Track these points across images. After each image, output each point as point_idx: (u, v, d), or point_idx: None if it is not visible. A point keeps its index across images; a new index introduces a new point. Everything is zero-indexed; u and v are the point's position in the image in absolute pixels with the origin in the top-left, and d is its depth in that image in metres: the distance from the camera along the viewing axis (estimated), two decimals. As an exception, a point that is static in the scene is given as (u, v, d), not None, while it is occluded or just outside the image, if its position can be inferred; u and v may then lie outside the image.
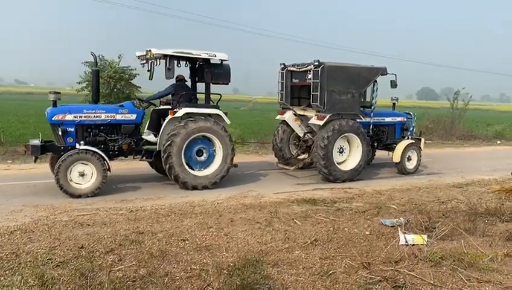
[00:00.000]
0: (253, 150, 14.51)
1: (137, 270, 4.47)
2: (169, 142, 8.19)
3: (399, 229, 5.95)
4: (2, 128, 13.55)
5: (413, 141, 11.20)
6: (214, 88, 9.01)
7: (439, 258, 4.97)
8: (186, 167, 8.46)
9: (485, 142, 20.40)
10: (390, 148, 11.40)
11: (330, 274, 4.61)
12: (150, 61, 8.46)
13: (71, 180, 7.57)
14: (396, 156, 10.92)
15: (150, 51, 8.21)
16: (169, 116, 8.45)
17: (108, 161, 7.83)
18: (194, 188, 8.44)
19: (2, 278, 4.16)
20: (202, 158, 8.72)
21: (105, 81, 14.98)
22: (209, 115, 8.69)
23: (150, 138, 8.78)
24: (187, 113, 8.43)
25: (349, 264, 4.89)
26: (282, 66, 10.76)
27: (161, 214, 6.64)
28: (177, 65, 8.90)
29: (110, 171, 7.89)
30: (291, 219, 6.60)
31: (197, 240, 5.53)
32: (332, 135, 9.51)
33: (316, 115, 9.81)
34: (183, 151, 8.34)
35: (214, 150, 8.78)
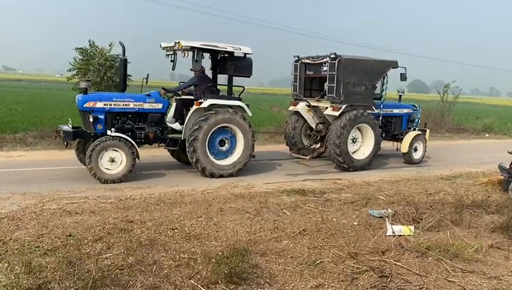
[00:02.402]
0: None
1: (126, 259, 4.47)
2: (193, 137, 8.45)
3: (387, 220, 6.02)
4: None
5: (420, 133, 11.56)
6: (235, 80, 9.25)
7: (425, 248, 5.04)
8: (211, 157, 8.74)
9: (473, 135, 20.61)
10: (397, 139, 11.80)
11: (318, 264, 4.66)
12: (176, 53, 8.69)
13: (102, 166, 7.81)
14: (404, 146, 11.30)
15: (179, 42, 8.41)
16: (195, 107, 8.67)
17: (137, 148, 8.10)
18: (221, 176, 8.76)
19: (-12, 266, 4.13)
20: (224, 148, 9.01)
21: (95, 69, 14.82)
22: (230, 106, 8.94)
23: (176, 125, 9.02)
24: (211, 104, 8.69)
25: (336, 254, 4.94)
26: (296, 58, 11.08)
27: (150, 203, 6.63)
28: (201, 57, 9.04)
29: (139, 158, 8.17)
30: (281, 209, 6.63)
31: (186, 229, 5.53)
32: (347, 125, 9.84)
33: (331, 106, 10.14)
34: (206, 143, 8.63)
35: (236, 139, 9.08)
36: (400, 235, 5.52)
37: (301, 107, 10.98)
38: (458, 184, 9.16)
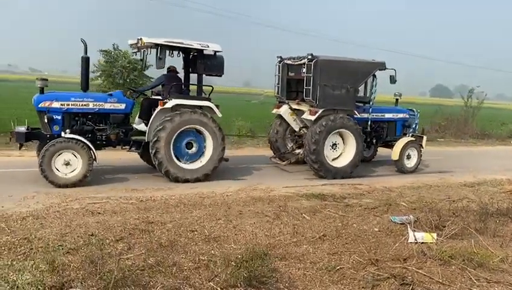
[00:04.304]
0: (263, 144, 14.49)
1: (146, 259, 4.52)
2: (156, 138, 8.03)
3: (408, 226, 5.92)
4: (15, 115, 13.71)
5: (413, 139, 10.83)
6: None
7: (449, 257, 4.94)
8: (176, 160, 8.29)
9: (498, 142, 20.11)
10: (390, 145, 11.00)
11: (338, 269, 4.62)
12: (141, 50, 8.35)
13: (56, 169, 7.43)
14: (394, 153, 10.60)
15: (141, 39, 8.01)
16: (159, 107, 8.23)
17: (94, 150, 7.65)
18: (186, 181, 8.29)
19: (14, 263, 4.23)
20: (192, 150, 8.55)
21: (118, 71, 15.08)
22: (200, 107, 8.51)
23: (141, 127, 8.58)
24: (177, 105, 8.25)
25: (357, 260, 4.88)
26: (279, 59, 10.52)
27: (171, 205, 6.69)
28: (170, 55, 8.79)
29: (96, 161, 7.73)
30: (300, 213, 6.60)
31: (206, 231, 5.56)
32: (324, 131, 9.27)
33: (308, 110, 9.59)
34: (171, 145, 8.18)
35: (204, 142, 8.61)
36: (422, 243, 5.42)
37: (284, 110, 10.52)
38: (482, 191, 8.95)
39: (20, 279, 3.77)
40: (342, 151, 9.84)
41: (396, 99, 11.73)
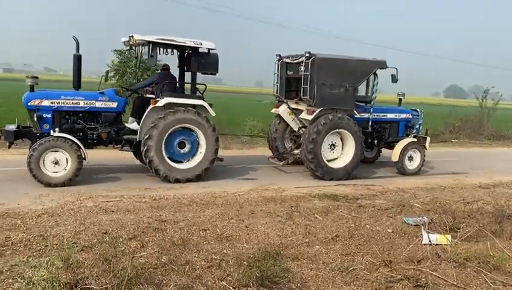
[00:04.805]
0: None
1: (159, 258, 4.55)
2: (147, 136, 7.91)
3: (422, 228, 5.85)
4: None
5: (415, 140, 10.49)
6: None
7: (464, 259, 4.87)
8: (167, 160, 8.17)
9: (514, 143, 19.78)
10: (393, 146, 10.60)
11: (351, 270, 4.59)
12: (133, 48, 8.27)
13: (45, 168, 7.35)
14: (394, 154, 10.26)
15: (132, 36, 7.95)
16: (151, 106, 8.10)
17: (83, 149, 7.56)
18: (177, 181, 8.16)
19: (30, 259, 4.29)
20: (185, 150, 8.40)
21: (132, 71, 15.19)
22: (194, 106, 8.38)
23: (133, 125, 8.43)
24: (170, 103, 8.12)
25: (370, 261, 4.84)
26: (278, 57, 10.32)
27: (183, 204, 6.72)
28: (165, 53, 8.74)
29: (86, 159, 7.63)
30: (312, 213, 6.57)
31: (218, 230, 5.57)
32: (320, 131, 9.04)
33: (306, 110, 9.39)
34: (163, 144, 8.06)
35: (197, 142, 8.47)
36: (437, 244, 5.35)
37: (282, 109, 10.31)
38: (498, 193, 8.81)
39: (36, 275, 3.82)
40: (341, 152, 9.61)
41: (400, 99, 11.39)
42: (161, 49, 8.50)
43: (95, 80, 12.52)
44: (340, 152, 9.61)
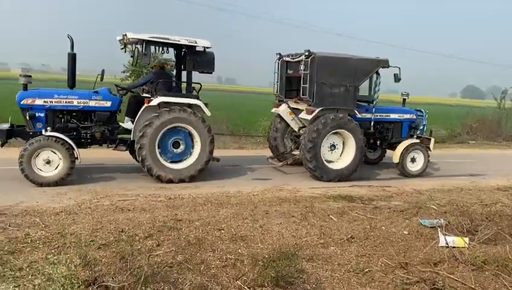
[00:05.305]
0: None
1: (175, 257, 4.58)
2: (141, 134, 7.81)
3: (439, 230, 5.77)
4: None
5: (418, 141, 10.21)
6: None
7: (482, 262, 4.79)
8: (161, 159, 8.07)
9: (533, 145, 19.38)
10: (395, 147, 10.25)
11: (366, 272, 4.55)
12: (127, 46, 8.23)
13: (37, 168, 7.30)
14: (396, 156, 9.99)
15: (125, 35, 7.86)
16: (145, 105, 8.01)
17: (76, 149, 7.50)
18: (170, 181, 8.04)
19: (49, 256, 4.37)
20: (179, 150, 8.30)
21: (148, 72, 15.32)
22: (190, 105, 8.25)
23: (128, 125, 8.36)
24: (164, 102, 8.00)
25: (385, 263, 4.80)
26: (279, 56, 10.11)
27: (198, 203, 6.77)
28: (161, 52, 8.66)
29: (78, 159, 7.58)
30: (327, 214, 6.55)
31: (233, 230, 5.59)
32: (321, 130, 8.85)
33: (305, 109, 9.18)
34: (156, 143, 7.96)
35: (192, 142, 8.38)
36: (454, 247, 5.27)
37: (282, 109, 10.14)
38: (517, 196, 8.65)
39: (55, 272, 3.89)
40: (341, 153, 9.42)
41: (404, 99, 11.13)
42: (157, 48, 8.49)
43: (111, 80, 12.63)
44: (340, 153, 9.44)
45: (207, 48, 8.33)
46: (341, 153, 9.44)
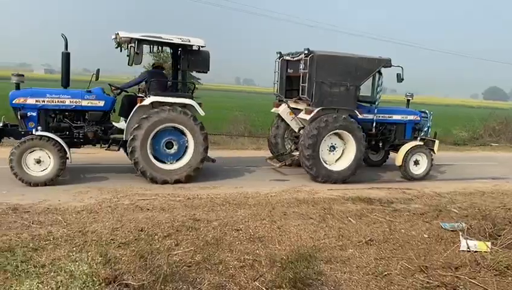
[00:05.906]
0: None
1: (193, 256, 4.62)
2: (132, 137, 7.73)
3: (460, 234, 5.67)
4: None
5: (421, 143, 9.98)
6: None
7: (505, 267, 4.69)
8: (153, 160, 7.99)
9: (559, 148, 18.83)
10: (398, 149, 10.03)
11: (385, 275, 4.51)
12: (121, 45, 8.22)
13: (27, 168, 7.27)
14: (398, 158, 9.77)
15: (117, 34, 7.80)
16: (138, 105, 7.91)
17: (67, 148, 7.44)
18: (165, 182, 7.97)
19: (71, 254, 4.45)
20: (172, 150, 8.18)
21: (166, 72, 15.46)
22: (185, 105, 8.14)
23: (121, 125, 8.28)
24: (157, 102, 7.91)
25: (405, 266, 4.74)
26: (279, 55, 9.96)
27: (216, 203, 6.80)
28: (157, 51, 8.61)
29: (69, 159, 7.50)
30: (346, 216, 6.50)
31: (250, 230, 5.60)
32: (320, 131, 8.68)
33: (305, 109, 9.03)
34: (148, 145, 7.87)
35: (185, 141, 8.24)
36: (475, 251, 5.17)
37: (282, 109, 9.98)
38: (542, 200, 8.42)
39: (77, 269, 3.96)
40: (341, 154, 9.24)
41: (408, 100, 10.89)
42: (154, 47, 8.48)
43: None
44: (340, 154, 9.26)
45: (201, 46, 8.23)
46: (341, 154, 9.28)
